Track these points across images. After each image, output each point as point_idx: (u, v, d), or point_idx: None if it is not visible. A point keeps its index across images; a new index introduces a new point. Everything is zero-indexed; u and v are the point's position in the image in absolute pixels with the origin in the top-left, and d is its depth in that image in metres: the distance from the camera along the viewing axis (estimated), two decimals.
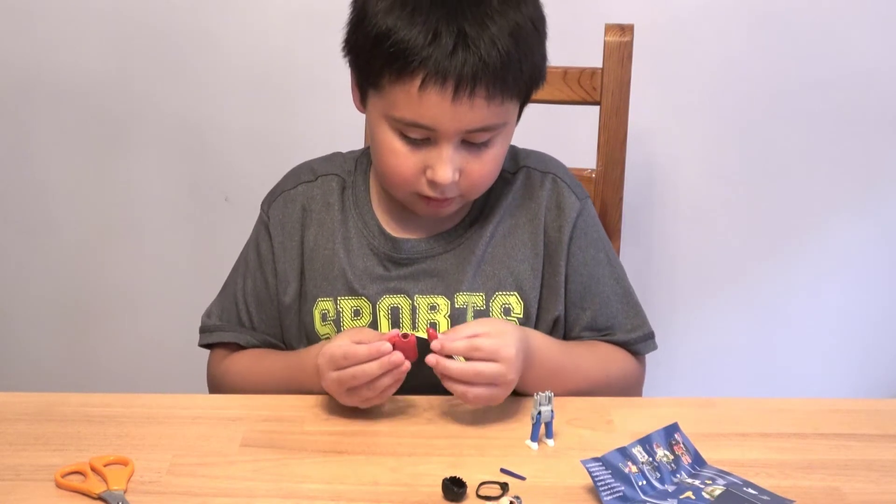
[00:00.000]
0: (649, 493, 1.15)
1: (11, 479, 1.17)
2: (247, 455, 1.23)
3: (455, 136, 1.32)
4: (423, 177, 1.35)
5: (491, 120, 1.32)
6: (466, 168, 1.35)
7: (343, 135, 1.74)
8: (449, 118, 1.30)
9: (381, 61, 1.30)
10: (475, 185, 1.38)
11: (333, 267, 1.44)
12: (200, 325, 1.53)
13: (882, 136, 2.18)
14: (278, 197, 1.49)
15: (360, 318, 1.42)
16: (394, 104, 1.31)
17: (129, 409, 1.32)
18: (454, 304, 1.42)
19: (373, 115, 1.36)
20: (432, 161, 1.33)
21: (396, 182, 1.37)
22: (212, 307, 1.53)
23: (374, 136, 1.37)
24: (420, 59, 1.27)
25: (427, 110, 1.29)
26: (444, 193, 1.36)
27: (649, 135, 2.14)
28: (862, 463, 1.24)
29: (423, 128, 1.31)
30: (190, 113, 2.19)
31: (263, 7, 2.13)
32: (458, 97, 1.28)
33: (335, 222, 1.46)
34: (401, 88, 1.29)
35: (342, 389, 1.26)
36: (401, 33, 1.28)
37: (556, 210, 1.47)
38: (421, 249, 1.44)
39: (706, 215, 2.24)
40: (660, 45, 2.07)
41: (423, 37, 1.27)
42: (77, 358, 2.37)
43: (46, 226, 2.29)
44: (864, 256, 2.26)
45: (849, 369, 2.33)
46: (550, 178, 1.48)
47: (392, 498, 1.15)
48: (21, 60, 2.17)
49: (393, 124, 1.33)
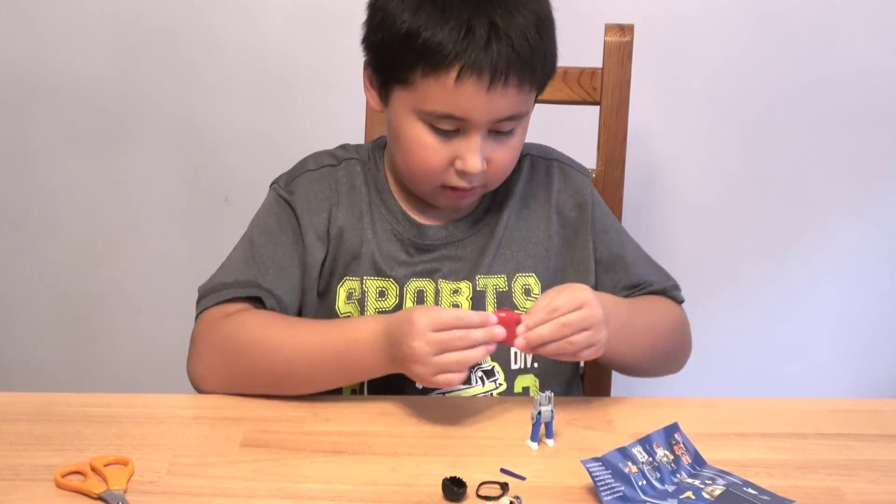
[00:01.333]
0: (649, 493, 1.15)
1: (11, 479, 1.17)
2: (247, 455, 1.23)
3: (485, 125, 1.36)
4: (452, 168, 1.38)
5: (518, 108, 1.37)
6: (492, 157, 1.39)
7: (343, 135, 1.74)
8: (483, 108, 1.34)
9: (413, 57, 1.33)
10: (499, 174, 1.42)
11: (362, 247, 1.45)
12: (202, 290, 1.42)
13: (882, 135, 2.18)
14: (300, 176, 1.49)
15: (384, 299, 1.44)
16: (426, 98, 1.34)
17: (129, 409, 1.32)
18: (475, 287, 1.45)
19: (399, 110, 1.38)
20: (462, 151, 1.36)
21: (424, 174, 1.40)
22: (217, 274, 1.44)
23: (400, 130, 1.39)
24: (456, 53, 1.30)
25: (462, 101, 1.33)
26: (471, 182, 1.39)
27: (649, 135, 2.14)
28: (862, 463, 1.24)
29: (456, 119, 1.34)
30: (190, 113, 2.19)
31: (263, 7, 2.13)
32: (493, 87, 1.32)
33: (363, 204, 1.47)
34: (435, 81, 1.32)
35: (437, 350, 1.24)
36: (434, 29, 1.31)
37: (568, 191, 1.53)
38: (443, 236, 1.47)
39: (706, 215, 2.24)
40: (660, 45, 2.07)
41: (456, 31, 1.31)
42: (77, 358, 2.37)
43: (46, 226, 2.29)
44: (864, 256, 2.26)
45: (849, 369, 2.33)
46: (556, 165, 1.54)
47: (392, 498, 1.15)
48: (21, 60, 2.17)
49: (423, 117, 1.36)
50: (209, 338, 1.38)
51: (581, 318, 1.27)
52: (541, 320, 1.26)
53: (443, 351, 1.24)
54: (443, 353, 1.24)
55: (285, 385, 1.34)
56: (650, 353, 1.46)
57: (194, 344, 1.39)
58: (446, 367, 1.24)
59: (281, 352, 1.33)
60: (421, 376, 1.25)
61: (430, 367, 1.24)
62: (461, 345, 1.24)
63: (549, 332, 1.26)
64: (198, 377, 1.38)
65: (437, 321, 1.24)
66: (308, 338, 1.34)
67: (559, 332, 1.26)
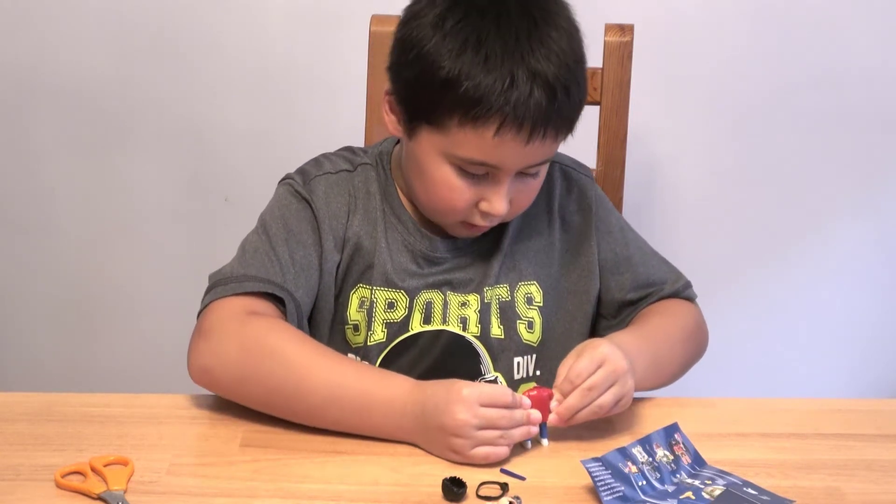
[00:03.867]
0: (649, 493, 1.15)
1: (11, 479, 1.17)
2: (247, 455, 1.23)
3: (515, 171, 1.34)
4: (476, 208, 1.36)
5: (548, 154, 1.36)
6: (516, 197, 1.37)
7: (343, 135, 1.74)
8: (519, 158, 1.32)
9: (451, 105, 1.29)
10: (519, 211, 1.41)
11: (375, 256, 1.42)
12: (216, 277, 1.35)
13: (883, 135, 2.18)
14: (318, 177, 1.44)
15: (393, 310, 1.42)
16: (460, 145, 1.31)
17: (129, 409, 1.32)
18: (483, 300, 1.44)
19: (426, 149, 1.35)
20: (489, 195, 1.34)
21: (445, 212, 1.38)
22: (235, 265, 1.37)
23: (426, 168, 1.35)
24: (498, 106, 1.27)
25: (499, 152, 1.30)
26: (492, 222, 1.38)
27: (649, 135, 2.14)
28: (862, 463, 1.24)
29: (489, 166, 1.32)
30: (190, 113, 2.19)
31: (264, 7, 2.13)
32: (532, 140, 1.30)
33: (377, 212, 1.44)
34: (472, 132, 1.29)
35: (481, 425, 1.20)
36: (477, 79, 1.27)
37: (569, 196, 1.50)
38: (452, 248, 1.45)
39: (706, 215, 2.24)
40: (660, 45, 2.07)
41: (500, 83, 1.27)
42: (77, 358, 2.37)
43: (46, 226, 2.29)
44: (865, 256, 2.26)
45: (849, 369, 2.33)
46: (557, 168, 1.51)
47: (392, 498, 1.15)
48: (21, 60, 2.17)
49: (454, 161, 1.33)
50: (229, 330, 1.29)
51: (605, 377, 1.25)
52: (568, 392, 1.24)
53: (486, 427, 1.20)
54: (486, 429, 1.21)
55: (295, 409, 1.27)
56: (674, 371, 1.44)
57: (209, 331, 1.30)
58: (488, 441, 1.21)
59: (306, 375, 1.25)
60: (459, 448, 1.20)
61: (471, 440, 1.20)
62: (504, 424, 1.21)
63: (578, 401, 1.24)
64: (203, 368, 1.28)
65: (485, 396, 1.20)
66: (338, 373, 1.26)
67: (588, 397, 1.24)
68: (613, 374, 1.25)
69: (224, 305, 1.32)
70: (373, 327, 1.41)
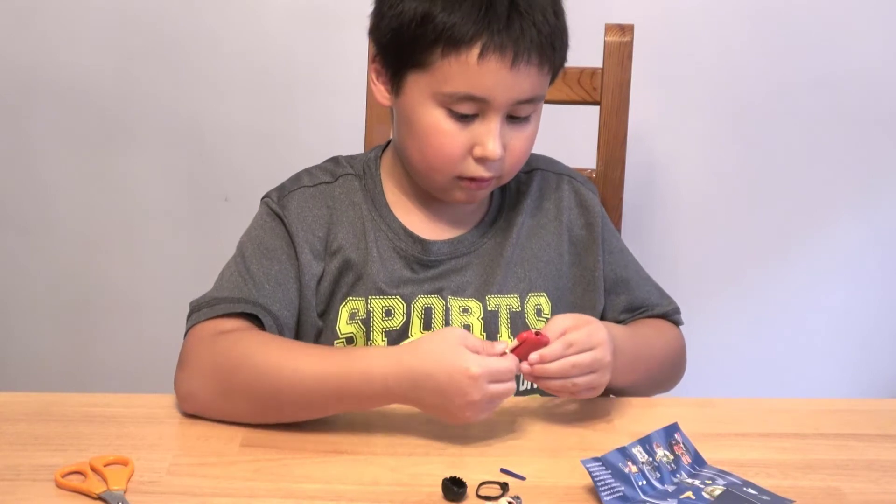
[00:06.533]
0: (649, 493, 1.15)
1: (11, 479, 1.17)
2: (247, 455, 1.23)
3: (506, 107, 1.33)
4: (469, 157, 1.35)
5: (538, 90, 1.35)
6: (509, 144, 1.36)
7: (343, 135, 1.75)
8: (506, 87, 1.31)
9: (433, 36, 1.30)
10: (515, 163, 1.40)
11: (366, 266, 1.41)
12: (194, 305, 1.36)
13: (882, 135, 2.18)
14: (293, 192, 1.44)
15: (391, 318, 1.41)
16: (446, 79, 1.31)
17: (129, 409, 1.32)
18: (486, 307, 1.42)
19: (414, 97, 1.35)
20: (481, 137, 1.34)
21: (441, 164, 1.36)
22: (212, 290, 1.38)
23: (416, 118, 1.36)
24: (477, 29, 1.29)
25: (485, 79, 1.30)
26: (488, 171, 1.36)
27: (649, 135, 2.14)
28: (862, 463, 1.24)
29: (477, 100, 1.32)
30: (190, 113, 2.19)
31: (263, 7, 2.13)
32: (516, 64, 1.30)
33: (365, 221, 1.43)
34: (455, 60, 1.30)
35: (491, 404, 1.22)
36: (455, 6, 1.29)
37: (579, 209, 1.51)
38: (447, 250, 1.44)
39: (706, 215, 2.24)
40: (660, 45, 2.07)
41: (476, 8, 1.29)
42: (77, 358, 2.37)
43: (46, 226, 2.29)
44: (865, 256, 2.26)
45: (848, 369, 2.33)
46: (566, 181, 1.52)
47: (392, 498, 1.15)
48: (21, 60, 2.18)
49: (442, 100, 1.33)
50: (201, 354, 1.31)
51: (591, 361, 1.26)
52: (557, 353, 1.25)
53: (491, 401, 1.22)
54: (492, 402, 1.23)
55: (283, 411, 1.27)
56: (646, 383, 1.44)
57: (184, 360, 1.32)
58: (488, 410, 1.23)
59: (279, 375, 1.25)
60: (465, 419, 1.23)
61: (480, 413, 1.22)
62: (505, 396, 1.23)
63: (557, 370, 1.25)
64: (186, 394, 1.30)
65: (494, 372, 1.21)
66: (311, 363, 1.26)
67: (566, 371, 1.25)
68: (600, 361, 1.27)
69: (196, 332, 1.34)
70: (372, 336, 1.40)
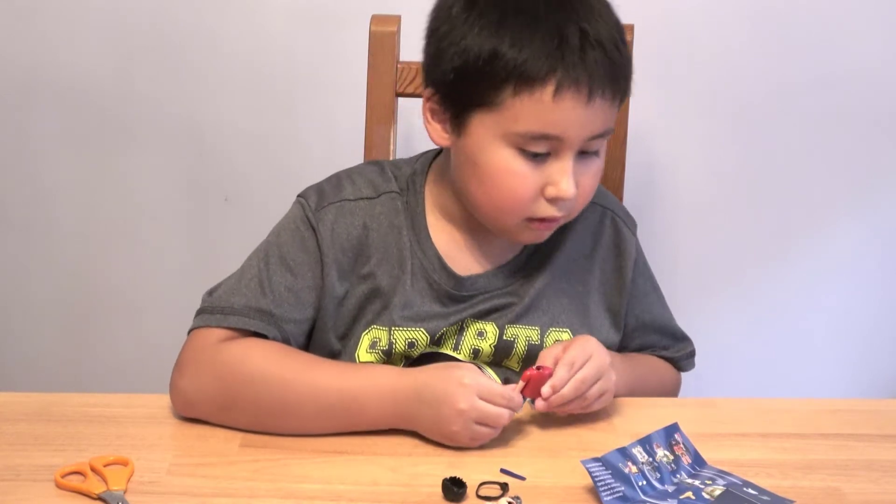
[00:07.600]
0: (649, 493, 1.15)
1: (11, 479, 1.17)
2: (247, 455, 1.23)
3: (579, 144, 1.27)
4: (541, 197, 1.29)
5: (609, 124, 1.30)
6: (580, 181, 1.30)
7: (343, 135, 1.75)
8: (581, 123, 1.25)
9: (503, 74, 1.23)
10: (584, 200, 1.34)
11: (394, 296, 1.36)
12: (207, 303, 1.34)
13: (882, 135, 2.18)
14: (332, 205, 1.37)
15: (413, 349, 1.37)
16: (517, 118, 1.25)
17: (129, 409, 1.32)
18: (502, 336, 1.39)
19: (480, 137, 1.28)
20: (554, 176, 1.27)
21: (511, 207, 1.30)
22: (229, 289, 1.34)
23: (483, 160, 1.29)
24: (551, 65, 1.22)
25: (560, 117, 1.24)
26: (560, 210, 1.30)
27: (649, 135, 2.14)
28: (862, 463, 1.24)
29: (551, 138, 1.26)
30: (190, 113, 2.19)
31: (263, 7, 2.13)
32: (591, 99, 1.24)
33: (403, 249, 1.37)
34: (529, 98, 1.24)
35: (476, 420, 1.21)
36: (524, 41, 1.22)
37: (614, 250, 1.46)
38: (480, 286, 1.39)
39: (706, 215, 2.24)
40: (660, 45, 2.07)
41: (549, 42, 1.22)
42: (77, 358, 2.37)
43: (46, 226, 2.29)
44: (865, 256, 2.26)
45: (848, 369, 2.33)
46: (609, 217, 1.46)
47: (392, 498, 1.15)
48: (21, 60, 2.17)
49: (513, 140, 1.26)
50: (202, 361, 1.28)
51: (594, 371, 1.26)
52: (565, 378, 1.24)
53: (481, 422, 1.22)
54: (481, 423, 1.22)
55: (288, 425, 1.26)
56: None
57: (185, 364, 1.29)
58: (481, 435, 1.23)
59: (290, 390, 1.25)
60: (454, 437, 1.22)
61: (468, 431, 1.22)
62: (496, 423, 1.22)
63: (571, 392, 1.25)
64: (185, 401, 1.28)
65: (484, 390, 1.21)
66: (320, 379, 1.25)
67: (579, 389, 1.25)
68: (601, 367, 1.27)
69: (201, 336, 1.31)
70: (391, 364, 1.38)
